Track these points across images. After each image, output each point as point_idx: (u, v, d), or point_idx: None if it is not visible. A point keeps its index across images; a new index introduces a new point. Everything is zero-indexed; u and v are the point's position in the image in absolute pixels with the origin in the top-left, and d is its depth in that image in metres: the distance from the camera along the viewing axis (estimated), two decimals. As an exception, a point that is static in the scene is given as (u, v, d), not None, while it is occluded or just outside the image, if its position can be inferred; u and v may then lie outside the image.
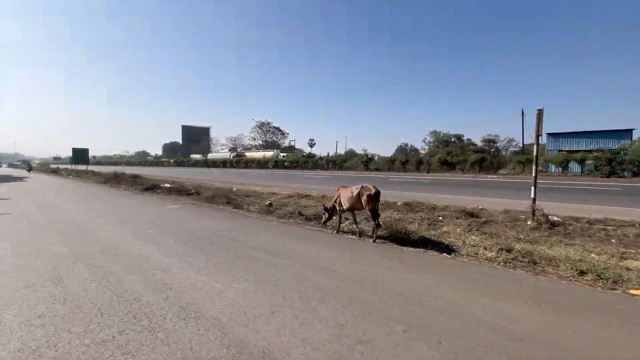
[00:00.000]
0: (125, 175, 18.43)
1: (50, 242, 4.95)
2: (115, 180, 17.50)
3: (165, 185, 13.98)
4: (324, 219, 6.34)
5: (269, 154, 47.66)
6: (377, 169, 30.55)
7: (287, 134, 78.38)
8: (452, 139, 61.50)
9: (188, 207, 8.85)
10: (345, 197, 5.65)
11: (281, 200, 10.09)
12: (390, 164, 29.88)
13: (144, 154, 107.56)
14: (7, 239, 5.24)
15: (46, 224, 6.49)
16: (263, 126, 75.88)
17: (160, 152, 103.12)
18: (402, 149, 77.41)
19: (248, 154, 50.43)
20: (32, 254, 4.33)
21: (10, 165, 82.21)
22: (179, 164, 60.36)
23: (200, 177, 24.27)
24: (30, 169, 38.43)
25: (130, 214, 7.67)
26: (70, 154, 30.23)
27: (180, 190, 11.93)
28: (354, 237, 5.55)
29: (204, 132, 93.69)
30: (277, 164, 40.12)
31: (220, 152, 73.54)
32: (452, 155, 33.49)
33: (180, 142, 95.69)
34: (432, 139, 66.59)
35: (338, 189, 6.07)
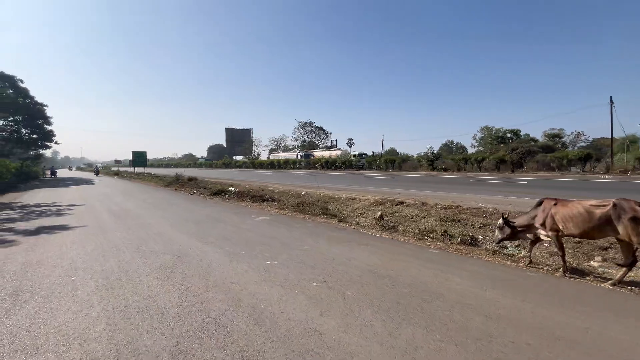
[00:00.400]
0: (183, 178, 17.83)
1: (148, 283, 3.44)
2: (178, 183, 16.92)
3: (231, 189, 12.80)
4: (500, 236, 4.28)
5: (335, 153, 46.72)
6: (444, 169, 27.21)
7: (330, 133, 76.61)
8: (508, 135, 55.90)
9: (281, 220, 7.23)
10: (570, 216, 3.51)
11: (374, 209, 8.22)
12: (462, 162, 26.31)
13: (190, 156, 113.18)
14: (91, 270, 3.88)
15: (130, 244, 5.17)
16: (305, 126, 74.87)
17: (204, 154, 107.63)
18: (447, 147, 71.87)
19: (316, 154, 50.00)
20: (131, 311, 2.79)
21: (78, 169, 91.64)
22: (226, 165, 62.64)
23: (254, 178, 23.37)
24: (97, 172, 41.19)
25: (223, 230, 6.16)
26: (127, 157, 31.40)
27: (254, 196, 10.53)
28: (588, 281, 3.41)
29: (247, 134, 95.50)
30: (327, 164, 38.43)
31: (262, 152, 74.26)
32: (517, 153, 29.36)
33: (224, 144, 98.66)
34: (483, 135, 61.10)
35: (541, 202, 3.94)
